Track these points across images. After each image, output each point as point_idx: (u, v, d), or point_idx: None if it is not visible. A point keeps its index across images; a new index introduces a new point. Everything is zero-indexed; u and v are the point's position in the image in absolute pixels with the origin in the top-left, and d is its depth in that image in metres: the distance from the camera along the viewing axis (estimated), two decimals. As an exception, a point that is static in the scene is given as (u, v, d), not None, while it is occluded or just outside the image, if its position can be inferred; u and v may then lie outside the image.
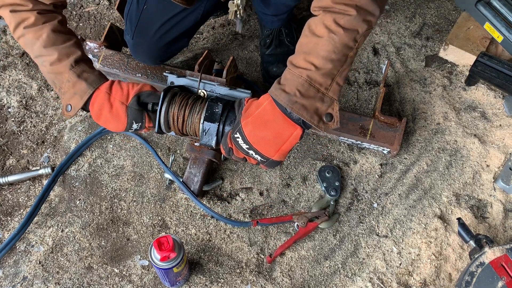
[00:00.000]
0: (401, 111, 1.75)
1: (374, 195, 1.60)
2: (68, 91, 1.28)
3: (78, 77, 1.27)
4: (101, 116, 1.29)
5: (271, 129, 1.07)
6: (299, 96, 1.02)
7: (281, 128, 1.07)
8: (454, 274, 1.47)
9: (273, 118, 1.06)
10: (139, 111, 1.30)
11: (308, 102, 1.03)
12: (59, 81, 1.29)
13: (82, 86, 1.27)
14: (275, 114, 1.06)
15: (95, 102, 1.28)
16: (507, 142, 1.67)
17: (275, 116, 1.06)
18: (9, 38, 1.93)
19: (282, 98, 1.03)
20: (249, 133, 1.09)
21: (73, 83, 1.27)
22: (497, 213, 1.56)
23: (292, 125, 1.06)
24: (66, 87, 1.28)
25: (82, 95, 1.27)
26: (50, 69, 1.28)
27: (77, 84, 1.27)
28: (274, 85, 1.07)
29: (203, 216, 1.57)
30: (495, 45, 1.81)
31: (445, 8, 2.00)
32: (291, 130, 1.07)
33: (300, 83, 1.03)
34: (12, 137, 1.73)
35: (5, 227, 1.56)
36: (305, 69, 1.03)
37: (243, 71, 1.85)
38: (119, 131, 1.33)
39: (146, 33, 1.57)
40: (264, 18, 1.73)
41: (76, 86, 1.27)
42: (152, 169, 1.65)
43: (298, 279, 1.47)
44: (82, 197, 1.60)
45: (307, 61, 1.03)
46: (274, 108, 1.06)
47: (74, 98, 1.28)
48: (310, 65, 1.02)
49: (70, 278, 1.47)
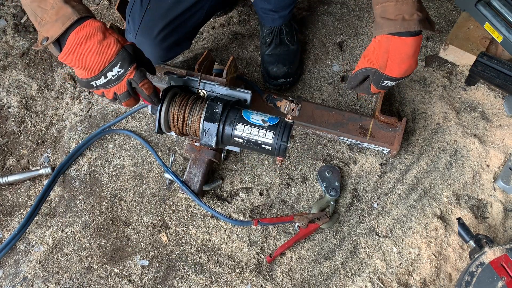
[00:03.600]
0: (401, 111, 1.75)
1: (374, 195, 1.60)
2: (49, 21, 1.11)
3: (65, 3, 1.10)
4: (81, 46, 1.10)
5: (411, 57, 1.22)
6: (420, 15, 1.17)
7: (416, 47, 1.21)
8: (454, 274, 1.47)
9: (408, 48, 1.20)
10: (131, 56, 1.15)
11: (423, 16, 1.18)
12: (41, 10, 1.11)
13: (67, 11, 1.09)
14: (407, 44, 1.19)
15: (84, 29, 1.10)
16: (507, 142, 1.67)
17: (408, 45, 1.20)
18: (9, 38, 1.93)
19: (411, 25, 1.16)
20: (397, 74, 1.25)
21: (58, 9, 1.10)
22: (497, 213, 1.56)
23: (419, 37, 1.20)
24: (48, 16, 1.11)
25: (65, 21, 1.09)
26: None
27: (62, 10, 1.10)
28: (384, 23, 1.18)
29: (203, 216, 1.57)
30: (495, 45, 1.81)
31: (445, 8, 2.00)
32: (420, 41, 1.22)
33: (415, 6, 1.17)
34: (12, 137, 1.73)
35: (5, 227, 1.56)
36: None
37: (243, 71, 1.85)
38: (94, 69, 1.14)
39: (149, 33, 1.57)
40: (265, 16, 1.73)
41: (60, 12, 1.10)
42: (152, 169, 1.65)
43: (298, 279, 1.47)
44: (82, 197, 1.60)
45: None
46: (403, 40, 1.18)
47: (54, 26, 1.10)
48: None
49: (70, 278, 1.47)
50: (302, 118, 1.63)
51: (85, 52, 1.11)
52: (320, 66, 1.85)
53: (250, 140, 1.33)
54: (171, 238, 1.54)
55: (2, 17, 1.97)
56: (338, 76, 1.83)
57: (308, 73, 1.84)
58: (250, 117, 1.34)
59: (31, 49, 1.70)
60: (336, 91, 1.80)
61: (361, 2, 2.00)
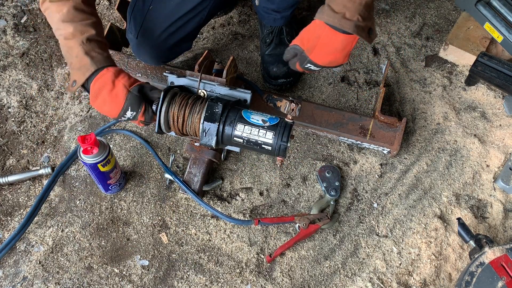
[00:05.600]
0: (401, 111, 1.75)
1: (374, 195, 1.60)
2: (75, 67, 1.32)
3: (85, 54, 1.30)
4: (99, 95, 1.30)
5: (339, 52, 1.27)
6: (361, 20, 1.20)
7: (346, 44, 1.25)
8: (454, 274, 1.47)
9: (338, 43, 1.25)
10: (138, 98, 1.32)
11: (364, 23, 1.22)
12: (70, 56, 1.33)
13: (86, 63, 1.30)
14: (337, 39, 1.24)
15: (98, 80, 1.30)
16: (507, 142, 1.67)
17: (338, 40, 1.24)
18: (9, 38, 1.93)
19: (347, 25, 1.19)
20: (321, 62, 1.29)
21: (80, 59, 1.30)
22: (497, 213, 1.56)
23: (352, 37, 1.23)
24: (74, 63, 1.32)
25: (85, 72, 1.30)
26: (63, 43, 1.33)
27: (83, 60, 1.30)
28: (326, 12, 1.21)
29: (203, 216, 1.57)
30: (495, 45, 1.81)
31: (445, 8, 2.00)
32: (352, 41, 1.25)
33: (360, 10, 1.20)
34: (12, 137, 1.73)
35: (5, 227, 1.56)
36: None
37: (243, 71, 1.85)
38: (112, 115, 1.33)
39: (151, 34, 1.57)
40: (267, 16, 1.73)
41: (82, 62, 1.30)
42: (152, 169, 1.65)
43: (298, 279, 1.47)
44: (82, 197, 1.60)
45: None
46: (335, 34, 1.22)
47: (78, 73, 1.31)
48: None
49: (70, 278, 1.47)
50: (302, 118, 1.63)
51: (102, 103, 1.31)
52: (320, 66, 1.85)
53: (250, 140, 1.33)
54: (171, 238, 1.54)
55: (2, 17, 1.97)
56: (338, 76, 1.83)
57: (308, 73, 1.84)
58: (250, 117, 1.34)
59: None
60: (336, 91, 1.80)
61: (361, 2, 2.00)
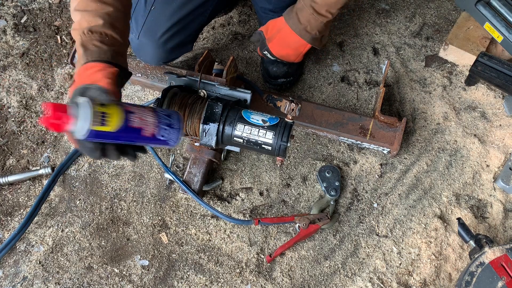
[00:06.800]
0: (401, 111, 1.75)
1: (374, 195, 1.60)
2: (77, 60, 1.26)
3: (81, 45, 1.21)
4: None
5: (292, 49, 1.56)
6: (318, 34, 1.50)
7: (299, 46, 1.55)
8: (454, 274, 1.47)
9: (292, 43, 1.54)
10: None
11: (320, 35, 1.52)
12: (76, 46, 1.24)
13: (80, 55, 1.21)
14: (293, 39, 1.53)
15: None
16: (507, 142, 1.67)
17: (293, 40, 1.53)
18: (9, 38, 1.93)
19: (305, 36, 1.50)
20: (275, 53, 1.58)
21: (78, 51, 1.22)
22: (497, 213, 1.56)
23: (305, 42, 1.53)
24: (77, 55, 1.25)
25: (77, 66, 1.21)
26: (72, 32, 1.26)
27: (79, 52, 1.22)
28: (293, 18, 1.48)
29: (203, 216, 1.57)
30: (495, 45, 1.81)
31: (445, 8, 2.00)
32: (306, 45, 1.54)
33: (320, 26, 1.48)
34: (12, 137, 1.73)
35: (5, 227, 1.56)
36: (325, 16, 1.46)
37: (243, 71, 1.85)
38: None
39: (153, 34, 1.57)
40: (265, 16, 1.73)
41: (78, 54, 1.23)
42: (152, 169, 1.65)
43: (298, 279, 1.47)
44: (82, 197, 1.60)
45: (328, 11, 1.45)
46: (293, 34, 1.51)
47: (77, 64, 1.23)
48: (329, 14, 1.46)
49: (70, 278, 1.47)
50: (302, 118, 1.63)
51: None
52: (320, 66, 1.85)
53: (250, 140, 1.33)
54: (171, 238, 1.54)
55: (2, 17, 1.97)
56: (338, 76, 1.83)
57: (308, 73, 1.84)
58: (250, 117, 1.34)
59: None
60: (336, 91, 1.80)
61: (361, 2, 2.00)
